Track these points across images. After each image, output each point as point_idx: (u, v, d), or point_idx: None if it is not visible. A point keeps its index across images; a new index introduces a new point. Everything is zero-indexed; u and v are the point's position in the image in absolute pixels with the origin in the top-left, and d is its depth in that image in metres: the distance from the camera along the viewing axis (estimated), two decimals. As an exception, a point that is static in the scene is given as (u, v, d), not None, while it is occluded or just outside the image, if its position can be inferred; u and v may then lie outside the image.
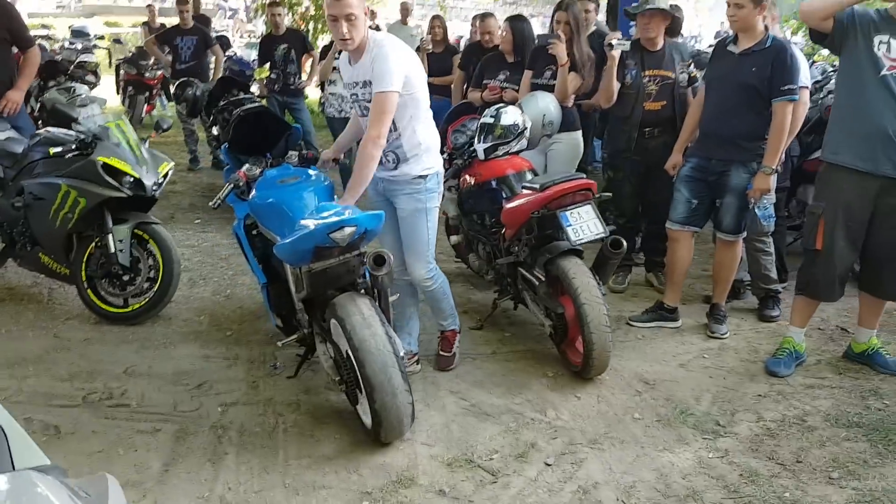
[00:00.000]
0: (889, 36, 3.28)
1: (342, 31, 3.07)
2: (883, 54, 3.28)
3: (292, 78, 7.60)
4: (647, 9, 4.25)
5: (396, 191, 3.46)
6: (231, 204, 3.72)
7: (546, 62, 4.77)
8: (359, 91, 3.32)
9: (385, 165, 3.39)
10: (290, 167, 3.66)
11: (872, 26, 3.30)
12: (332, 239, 2.81)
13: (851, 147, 3.38)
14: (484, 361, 3.84)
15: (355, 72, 3.29)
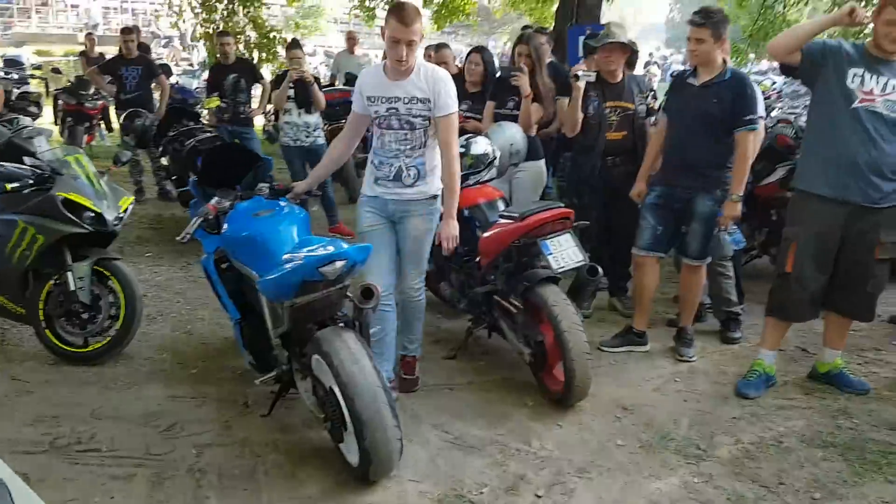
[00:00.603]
0: (864, 70, 3.43)
1: (401, 53, 3.26)
2: (856, 87, 3.43)
3: (242, 107, 7.51)
4: (607, 42, 4.35)
5: (410, 212, 3.53)
6: (199, 238, 3.63)
7: (508, 93, 4.83)
8: (403, 105, 3.41)
9: (403, 182, 3.48)
10: (262, 199, 3.60)
11: (846, 59, 3.46)
12: (321, 273, 2.77)
13: (823, 176, 3.52)
14: (462, 392, 3.81)
15: (399, 88, 3.39)
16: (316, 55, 29.88)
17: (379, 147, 3.56)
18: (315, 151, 6.71)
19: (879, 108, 3.42)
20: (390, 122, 3.48)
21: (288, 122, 6.60)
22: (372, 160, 3.62)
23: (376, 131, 3.59)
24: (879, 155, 3.43)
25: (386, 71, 3.47)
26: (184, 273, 5.76)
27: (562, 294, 3.52)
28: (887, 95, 3.41)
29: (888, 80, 3.41)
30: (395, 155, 3.50)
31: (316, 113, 6.65)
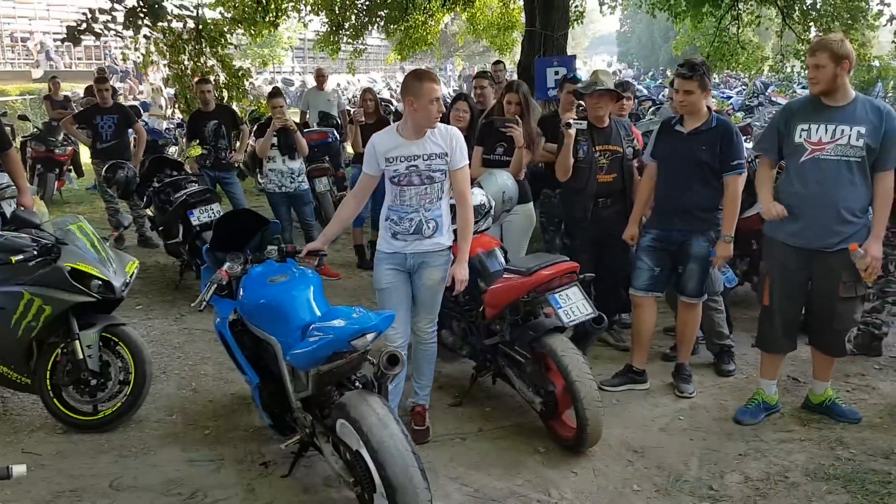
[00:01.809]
0: (810, 122, 3.68)
1: (441, 108, 3.58)
2: (804, 140, 3.68)
3: (223, 153, 7.55)
4: (596, 90, 4.51)
5: (428, 263, 3.71)
6: (213, 303, 3.68)
7: (496, 139, 4.99)
8: (423, 162, 3.61)
9: (423, 234, 3.67)
10: (274, 263, 3.67)
11: (795, 118, 3.74)
12: (352, 345, 2.85)
13: (786, 227, 3.76)
14: (474, 441, 3.90)
15: (418, 146, 3.62)
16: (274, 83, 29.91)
17: (398, 203, 3.70)
18: (300, 197, 6.79)
19: (830, 155, 3.63)
20: (411, 179, 3.64)
21: (272, 170, 6.66)
22: (389, 216, 3.75)
23: (393, 189, 3.71)
24: (834, 202, 3.63)
25: (401, 132, 3.68)
26: (178, 326, 5.76)
27: (569, 343, 3.64)
28: (837, 141, 3.61)
29: (836, 126, 3.62)
30: (415, 209, 3.67)
31: (299, 159, 6.72)
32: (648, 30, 44.15)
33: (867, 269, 3.57)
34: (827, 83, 3.60)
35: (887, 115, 3.60)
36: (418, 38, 13.68)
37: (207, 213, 6.12)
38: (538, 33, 9.23)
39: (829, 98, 3.65)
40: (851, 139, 3.58)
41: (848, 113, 3.62)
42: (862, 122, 3.58)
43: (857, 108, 3.63)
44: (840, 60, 3.55)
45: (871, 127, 3.57)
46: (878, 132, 3.56)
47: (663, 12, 13.54)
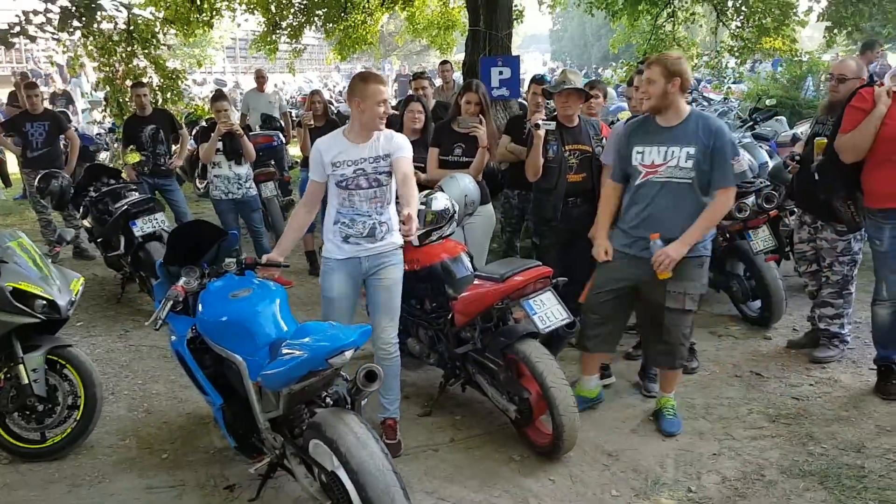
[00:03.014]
0: (644, 145, 3.68)
1: (388, 109, 3.58)
2: (639, 163, 3.70)
3: (162, 159, 7.29)
4: (564, 88, 4.46)
5: (384, 263, 3.69)
6: (168, 321, 3.48)
7: (454, 139, 4.91)
8: (370, 165, 3.60)
9: (375, 237, 3.64)
10: (233, 277, 3.51)
11: (632, 140, 3.75)
12: (329, 364, 2.71)
13: (619, 233, 3.86)
14: (446, 451, 3.81)
15: (365, 149, 3.60)
16: (206, 84, 29.18)
17: (347, 207, 3.64)
18: (248, 203, 6.58)
19: (661, 177, 3.63)
20: (359, 183, 3.60)
21: (218, 176, 6.43)
22: (338, 220, 3.67)
23: (340, 193, 3.65)
24: (666, 224, 3.62)
25: (347, 135, 3.64)
26: (123, 343, 5.50)
27: (543, 349, 3.57)
28: (668, 163, 3.61)
29: (667, 148, 3.61)
30: (367, 213, 3.62)
31: (246, 164, 6.51)
32: (581, 28, 44.76)
33: (658, 264, 3.56)
34: (657, 98, 3.58)
35: (717, 132, 3.55)
36: (358, 37, 13.47)
37: (151, 224, 5.86)
38: (483, 33, 9.16)
39: (662, 117, 3.64)
40: (680, 161, 3.58)
41: (678, 133, 3.60)
42: (692, 143, 3.56)
43: (688, 127, 3.60)
44: (671, 77, 3.52)
45: (701, 146, 3.54)
46: (708, 151, 3.54)
47: (600, 10, 13.68)
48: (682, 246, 3.56)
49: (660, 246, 3.56)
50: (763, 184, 5.39)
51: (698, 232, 3.59)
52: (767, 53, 13.91)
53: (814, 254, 4.82)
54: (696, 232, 3.59)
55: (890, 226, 4.00)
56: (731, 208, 5.08)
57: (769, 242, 5.23)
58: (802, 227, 4.85)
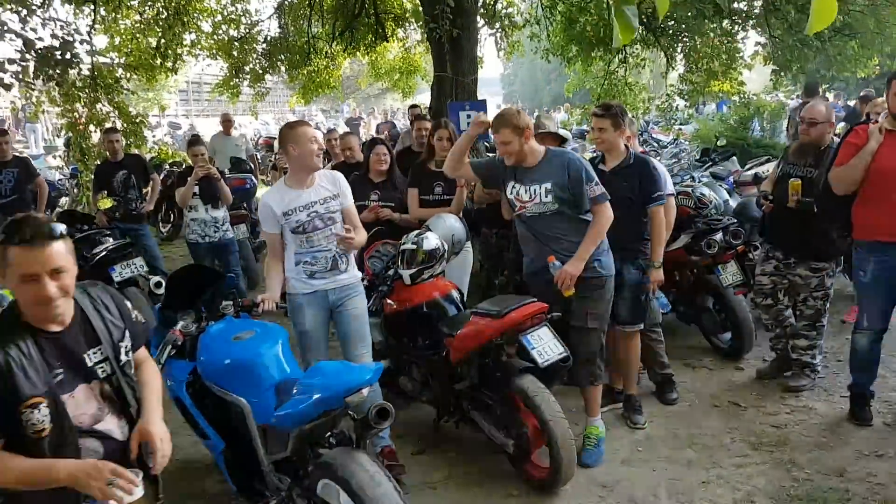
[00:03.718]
0: (515, 183, 4.00)
1: (322, 150, 3.84)
2: (515, 198, 4.01)
3: (134, 204, 7.25)
4: (539, 132, 4.62)
5: (349, 295, 3.92)
6: (165, 365, 3.49)
7: (433, 178, 5.06)
8: (321, 206, 3.81)
9: (340, 269, 3.87)
10: (233, 320, 3.55)
11: (508, 176, 4.04)
12: (346, 402, 2.77)
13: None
14: (445, 489, 3.85)
15: (311, 193, 3.82)
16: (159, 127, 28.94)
17: (306, 247, 3.83)
18: (225, 246, 6.59)
19: (533, 211, 3.95)
20: (315, 224, 3.81)
21: (195, 219, 6.44)
22: (300, 261, 3.85)
23: (297, 238, 3.82)
24: (548, 249, 3.93)
25: (290, 184, 3.86)
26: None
27: (539, 383, 3.66)
28: (534, 200, 3.92)
29: (530, 186, 3.94)
30: (326, 248, 3.83)
31: (223, 207, 6.55)
32: (532, 72, 45.75)
33: (560, 283, 3.80)
34: (518, 155, 3.92)
35: (570, 163, 3.88)
36: (321, 81, 13.65)
37: (130, 269, 5.84)
38: (449, 78, 9.41)
39: (523, 162, 3.97)
40: (542, 196, 3.89)
41: (538, 172, 3.93)
42: (548, 178, 3.88)
43: (543, 166, 3.93)
44: (521, 132, 3.87)
45: (557, 180, 3.86)
46: (565, 181, 3.85)
47: (556, 57, 14.10)
48: (579, 262, 3.82)
49: (558, 266, 3.82)
50: (729, 221, 5.62)
51: (589, 246, 3.85)
52: (717, 95, 14.49)
53: (771, 288, 4.97)
54: (587, 246, 3.84)
55: (875, 258, 4.16)
56: (701, 244, 5.32)
57: (738, 277, 5.44)
58: (768, 261, 4.98)
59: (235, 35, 12.92)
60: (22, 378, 2.09)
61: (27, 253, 2.08)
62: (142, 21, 12.00)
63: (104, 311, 2.42)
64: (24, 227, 2.08)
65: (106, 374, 2.33)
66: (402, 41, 13.95)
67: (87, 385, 2.28)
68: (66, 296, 2.17)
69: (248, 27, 13.03)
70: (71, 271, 2.18)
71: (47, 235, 2.11)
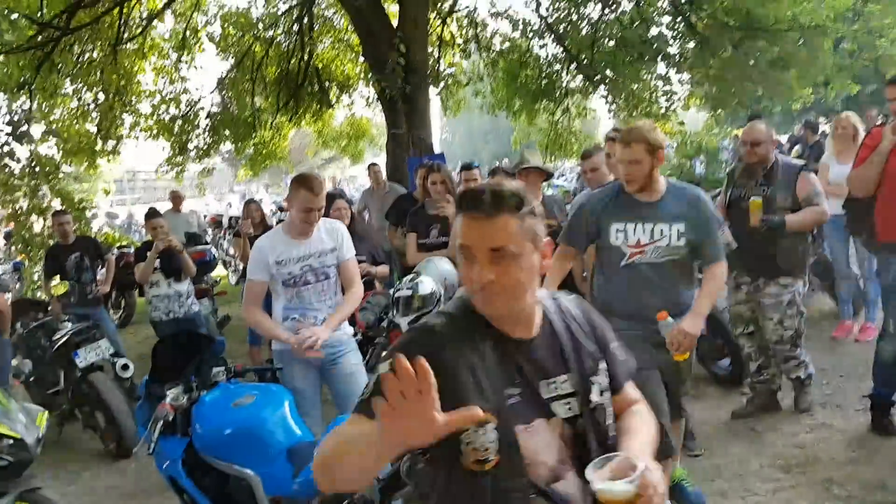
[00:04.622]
0: (625, 223, 3.21)
1: (313, 218, 3.58)
2: (623, 243, 3.21)
3: (88, 287, 6.83)
4: (523, 168, 4.50)
5: (341, 351, 3.73)
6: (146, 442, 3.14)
7: (428, 222, 4.94)
8: (316, 260, 3.65)
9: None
10: (228, 386, 3.25)
11: (605, 216, 3.26)
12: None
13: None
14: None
15: (309, 245, 3.65)
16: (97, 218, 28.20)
17: (296, 302, 3.66)
18: (191, 320, 6.23)
19: (651, 258, 3.18)
20: (307, 279, 3.65)
21: (157, 295, 6.09)
22: (289, 316, 3.67)
23: (287, 291, 3.65)
24: (658, 305, 3.16)
25: (288, 232, 3.68)
26: (76, 487, 4.97)
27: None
28: (656, 242, 3.18)
29: (654, 225, 3.18)
30: (317, 308, 3.66)
31: (186, 280, 6.21)
32: (468, 132, 46.39)
33: (675, 344, 3.12)
34: (644, 182, 3.16)
35: (701, 201, 3.23)
36: (268, 153, 13.48)
37: (95, 352, 5.43)
38: (404, 135, 9.34)
39: (642, 192, 3.20)
40: (672, 238, 3.16)
41: (663, 208, 3.19)
42: (681, 218, 3.17)
43: (669, 201, 3.19)
44: (655, 151, 3.12)
45: (692, 220, 3.18)
46: (699, 222, 3.19)
47: (501, 111, 14.24)
48: (698, 319, 3.15)
49: (672, 324, 3.12)
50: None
51: (708, 300, 3.24)
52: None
53: (751, 315, 4.71)
54: (705, 301, 3.23)
55: (894, 260, 4.03)
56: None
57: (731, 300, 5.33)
58: (739, 289, 4.71)
59: (176, 113, 12.71)
60: (472, 385, 1.56)
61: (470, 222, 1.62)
62: (80, 107, 11.73)
63: (575, 328, 1.76)
64: (479, 196, 1.60)
65: (571, 413, 1.66)
66: (349, 106, 13.92)
67: (547, 421, 1.63)
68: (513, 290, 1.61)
69: (188, 105, 12.83)
70: (523, 258, 1.65)
71: (498, 204, 1.62)
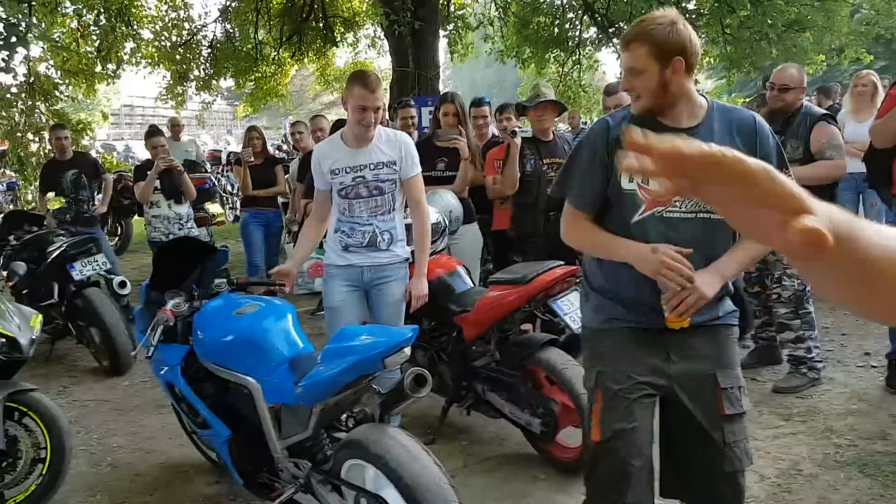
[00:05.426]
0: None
1: (369, 119, 3.26)
2: (638, 187, 2.15)
3: (85, 205, 6.72)
4: (539, 102, 4.38)
5: (387, 278, 3.45)
6: (144, 348, 3.08)
7: (436, 155, 4.77)
8: (370, 172, 3.37)
9: (378, 246, 3.41)
10: (230, 296, 3.18)
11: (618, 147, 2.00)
12: (383, 364, 2.43)
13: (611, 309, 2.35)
14: (465, 477, 3.50)
15: (364, 155, 3.37)
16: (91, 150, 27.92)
17: (347, 216, 3.44)
18: (190, 244, 6.14)
19: (680, 210, 2.15)
20: (358, 191, 3.40)
21: (157, 216, 6.00)
22: (339, 228, 3.48)
23: (340, 202, 3.45)
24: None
25: (346, 140, 3.42)
26: (64, 399, 4.91)
27: (566, 355, 3.37)
28: None
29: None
30: (367, 222, 3.42)
31: (186, 203, 6.12)
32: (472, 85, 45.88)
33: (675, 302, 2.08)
34: (652, 96, 2.10)
35: (760, 130, 2.18)
36: (269, 89, 13.25)
37: (91, 266, 5.34)
38: (410, 73, 9.15)
39: (668, 115, 2.14)
40: None
41: (702, 137, 1.92)
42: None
43: (713, 128, 2.13)
44: (669, 57, 2.03)
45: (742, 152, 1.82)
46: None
47: (510, 59, 14.01)
48: (716, 278, 2.11)
49: None
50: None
51: (737, 265, 2.18)
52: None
53: (758, 274, 4.60)
54: (733, 264, 2.16)
55: None
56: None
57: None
58: None
59: (178, 41, 12.45)
60: None
61: None
62: (80, 26, 11.46)
63: None
64: None
65: None
66: (353, 45, 13.65)
67: None
68: None
69: (190, 33, 12.57)
70: None
71: None
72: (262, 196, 6.47)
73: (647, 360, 2.22)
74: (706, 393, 2.20)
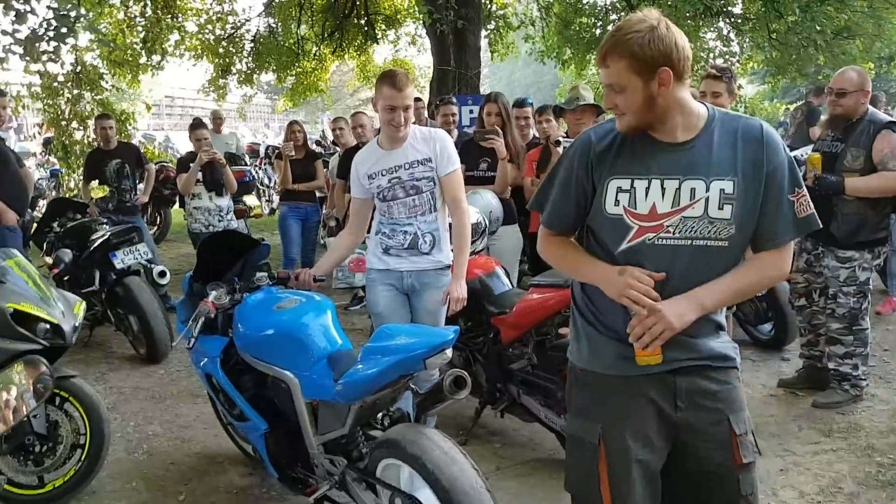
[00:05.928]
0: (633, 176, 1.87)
1: (399, 119, 3.23)
2: (625, 210, 1.87)
3: (128, 195, 6.82)
4: (578, 105, 4.35)
5: (427, 284, 3.41)
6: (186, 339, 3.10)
7: (479, 154, 4.75)
8: (405, 172, 3.33)
9: (419, 248, 3.37)
10: (272, 290, 3.20)
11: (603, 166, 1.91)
12: (424, 365, 2.42)
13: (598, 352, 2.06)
14: (497, 480, 3.48)
15: (398, 155, 3.34)
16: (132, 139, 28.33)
17: (387, 218, 3.43)
18: (229, 237, 6.20)
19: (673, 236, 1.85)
20: (395, 193, 3.38)
21: (198, 208, 6.07)
22: (379, 230, 3.46)
23: (380, 205, 3.44)
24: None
25: (381, 144, 3.44)
26: (103, 386, 4.98)
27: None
28: (683, 211, 1.83)
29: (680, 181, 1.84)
30: (407, 223, 3.38)
31: (227, 195, 6.19)
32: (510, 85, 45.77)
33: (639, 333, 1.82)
34: (638, 113, 1.83)
35: (768, 141, 1.86)
36: (310, 84, 13.33)
37: (133, 255, 5.42)
38: (451, 72, 9.14)
39: (659, 130, 1.87)
40: (710, 205, 1.83)
41: (699, 153, 1.85)
42: (727, 170, 1.84)
43: (713, 140, 1.86)
44: (653, 70, 1.76)
45: (745, 172, 1.84)
46: (757, 178, 1.84)
47: (551, 60, 13.92)
48: (693, 306, 1.83)
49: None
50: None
51: (721, 294, 1.88)
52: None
53: (805, 287, 4.41)
54: (717, 294, 1.87)
55: None
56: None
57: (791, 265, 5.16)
58: (801, 255, 4.36)
59: (222, 34, 12.58)
60: None
61: None
62: (126, 17, 11.63)
63: None
64: None
65: None
66: (394, 42, 13.68)
67: None
68: None
69: (234, 26, 12.69)
70: None
71: None
72: (301, 190, 6.52)
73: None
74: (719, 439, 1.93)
